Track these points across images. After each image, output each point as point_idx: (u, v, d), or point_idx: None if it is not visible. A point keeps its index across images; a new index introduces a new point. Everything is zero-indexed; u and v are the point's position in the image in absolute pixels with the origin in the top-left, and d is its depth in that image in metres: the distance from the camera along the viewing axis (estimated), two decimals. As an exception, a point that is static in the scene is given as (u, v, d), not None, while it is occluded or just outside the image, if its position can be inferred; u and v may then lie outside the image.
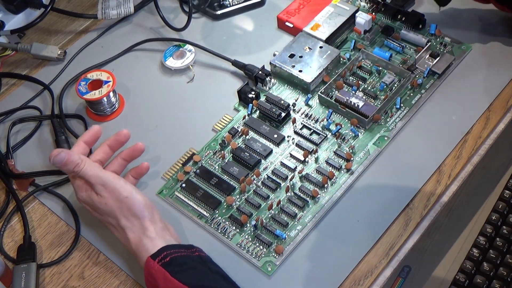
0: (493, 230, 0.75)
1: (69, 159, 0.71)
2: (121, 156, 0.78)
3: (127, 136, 0.78)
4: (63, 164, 0.71)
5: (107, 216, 0.72)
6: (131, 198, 0.70)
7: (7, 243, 0.79)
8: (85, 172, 0.71)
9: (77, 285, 0.74)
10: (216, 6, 1.00)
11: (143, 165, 0.79)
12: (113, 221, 0.71)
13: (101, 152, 0.77)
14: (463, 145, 0.80)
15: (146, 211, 0.70)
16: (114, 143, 0.78)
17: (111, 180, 0.71)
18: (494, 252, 0.73)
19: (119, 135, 0.78)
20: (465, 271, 0.72)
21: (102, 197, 0.71)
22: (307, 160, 0.80)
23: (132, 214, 0.70)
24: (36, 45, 0.97)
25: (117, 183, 0.71)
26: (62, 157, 0.71)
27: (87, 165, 0.72)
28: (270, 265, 0.73)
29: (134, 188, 0.72)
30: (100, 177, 0.71)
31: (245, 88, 0.87)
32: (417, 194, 0.77)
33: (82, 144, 0.76)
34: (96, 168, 0.72)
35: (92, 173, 0.71)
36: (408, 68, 0.87)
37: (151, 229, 0.70)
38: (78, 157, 0.71)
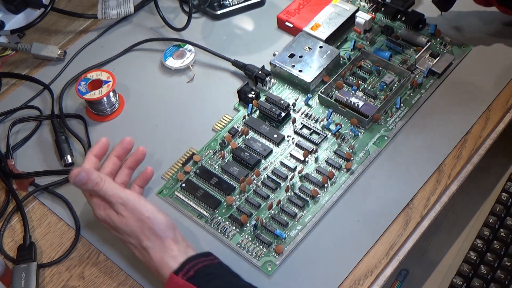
0: (490, 233, 0.75)
1: (89, 178, 0.69)
2: (126, 165, 0.78)
3: (132, 142, 0.78)
4: (83, 183, 0.70)
5: (127, 236, 0.70)
6: (153, 218, 0.69)
7: (7, 243, 0.79)
8: (105, 191, 0.70)
9: (77, 285, 0.74)
10: (216, 6, 1.00)
11: (147, 171, 0.78)
12: (134, 241, 0.70)
13: (110, 164, 0.76)
14: (463, 145, 0.80)
15: (168, 231, 0.69)
16: (121, 152, 0.77)
17: (132, 199, 0.70)
18: (491, 255, 0.73)
19: (123, 143, 0.77)
20: (463, 274, 0.72)
21: (122, 216, 0.69)
22: (307, 160, 0.80)
23: (154, 234, 0.68)
24: (36, 45, 0.97)
25: (138, 202, 0.70)
26: (82, 177, 0.69)
27: (107, 184, 0.70)
28: (270, 265, 0.73)
29: (155, 207, 0.71)
30: (121, 197, 0.70)
31: (245, 88, 0.87)
32: (417, 194, 0.77)
33: (92, 158, 0.75)
34: (116, 186, 0.71)
35: (112, 192, 0.70)
36: (408, 68, 0.87)
37: (174, 248, 0.68)
38: (97, 176, 0.70)
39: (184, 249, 0.69)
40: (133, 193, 0.71)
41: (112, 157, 0.77)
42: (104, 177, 0.71)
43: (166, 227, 0.69)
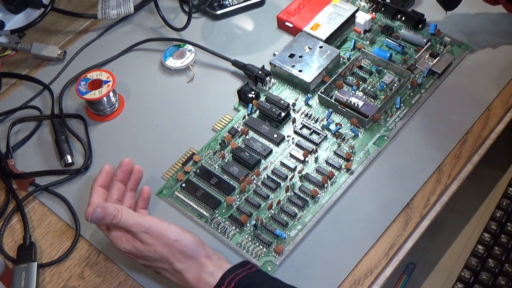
0: (497, 227, 0.75)
1: (106, 212, 0.67)
2: (128, 188, 0.77)
3: (131, 163, 0.76)
4: (100, 219, 0.68)
5: (158, 262, 0.68)
6: (180, 240, 0.67)
7: (7, 243, 0.79)
8: (125, 222, 0.67)
9: (77, 284, 0.74)
10: (216, 6, 1.00)
11: (144, 190, 0.77)
12: (165, 265, 0.68)
13: (116, 191, 0.75)
14: (463, 145, 0.80)
15: (199, 249, 0.67)
16: (123, 176, 0.76)
17: (155, 225, 0.67)
18: (499, 248, 0.74)
19: (123, 165, 0.76)
20: (471, 268, 0.72)
21: (148, 244, 0.67)
22: (307, 160, 0.80)
23: (186, 256, 0.67)
24: (36, 45, 0.97)
25: (162, 227, 0.67)
26: (98, 213, 0.67)
27: (125, 214, 0.68)
28: (270, 264, 0.73)
29: (180, 228, 0.69)
30: (142, 225, 0.67)
31: (245, 88, 0.87)
32: (417, 193, 0.77)
33: (99, 189, 0.73)
34: (135, 215, 0.69)
35: (133, 221, 0.68)
36: (408, 68, 0.87)
37: (209, 264, 0.67)
38: (114, 208, 0.68)
39: (218, 262, 0.68)
40: (154, 219, 0.68)
41: (116, 183, 0.75)
42: (120, 207, 0.69)
43: (196, 245, 0.67)
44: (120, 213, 0.68)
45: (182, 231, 0.68)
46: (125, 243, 0.69)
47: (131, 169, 0.77)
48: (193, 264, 0.67)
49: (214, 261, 0.68)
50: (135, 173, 0.77)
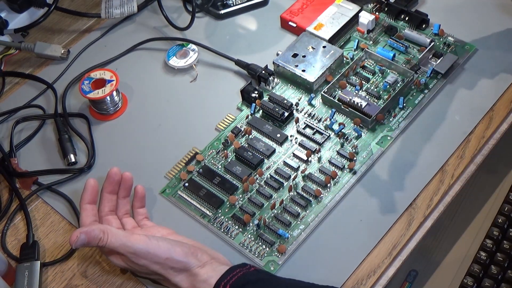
0: (499, 233, 0.75)
1: (90, 237, 0.65)
2: (119, 197, 0.77)
3: (118, 173, 0.76)
4: (86, 244, 0.66)
5: (154, 275, 0.68)
6: (171, 257, 0.66)
7: (10, 241, 0.79)
8: (111, 245, 0.66)
9: (80, 283, 0.75)
10: (219, 6, 1.00)
11: (138, 190, 0.77)
12: (162, 278, 0.68)
13: (106, 203, 0.75)
14: (466, 145, 0.80)
15: (190, 261, 0.67)
16: (112, 187, 0.75)
17: (143, 247, 0.66)
18: (501, 255, 0.73)
19: (110, 176, 0.75)
20: (473, 275, 0.72)
21: (139, 264, 0.67)
22: (310, 160, 0.80)
23: (178, 270, 0.67)
24: (40, 44, 0.97)
25: (150, 247, 0.66)
26: (82, 240, 0.65)
27: (111, 237, 0.66)
28: (273, 264, 0.73)
29: (169, 243, 0.67)
30: (129, 246, 0.66)
31: (248, 87, 0.87)
32: (420, 193, 0.77)
33: (87, 206, 0.73)
34: (121, 236, 0.67)
35: (119, 243, 0.66)
36: (412, 68, 0.87)
37: (202, 273, 0.66)
38: (99, 231, 0.66)
39: (212, 268, 0.67)
40: (141, 238, 0.67)
41: (105, 195, 0.75)
42: (106, 229, 0.67)
43: (186, 259, 0.67)
44: (106, 236, 0.66)
45: (172, 247, 0.67)
46: (119, 260, 0.69)
47: (119, 179, 0.76)
48: (186, 275, 0.67)
49: (208, 269, 0.67)
50: (124, 181, 0.76)
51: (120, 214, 0.76)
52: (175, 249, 0.67)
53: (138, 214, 0.77)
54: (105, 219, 0.75)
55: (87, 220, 0.73)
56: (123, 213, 0.76)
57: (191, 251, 0.68)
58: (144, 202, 0.78)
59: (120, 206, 0.77)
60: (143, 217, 0.77)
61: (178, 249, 0.67)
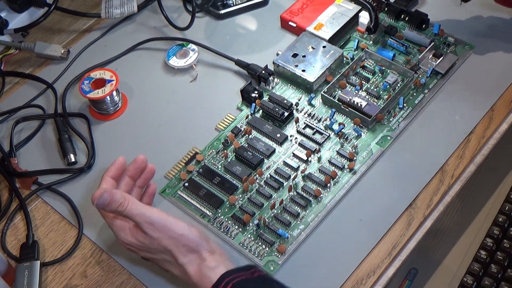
0: (500, 232, 0.75)
1: (112, 199, 0.66)
2: (136, 184, 0.77)
3: (145, 161, 0.76)
4: (106, 205, 0.67)
5: (162, 254, 0.68)
6: (186, 235, 0.66)
7: (10, 241, 0.79)
8: (130, 211, 0.66)
9: (80, 283, 0.75)
10: (219, 6, 1.00)
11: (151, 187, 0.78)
12: (168, 257, 0.68)
13: (124, 185, 0.74)
14: (466, 145, 0.80)
15: (203, 243, 0.67)
16: (135, 172, 0.75)
17: (161, 218, 0.67)
18: (501, 254, 0.73)
19: (137, 162, 0.75)
20: (473, 273, 0.72)
21: (152, 237, 0.66)
22: (310, 160, 0.80)
23: (190, 250, 0.67)
24: (40, 44, 0.97)
25: (167, 220, 0.67)
26: (105, 198, 0.66)
27: (131, 204, 0.67)
28: (273, 264, 0.73)
29: (185, 222, 0.68)
30: (148, 216, 0.66)
31: (248, 87, 0.87)
32: (420, 193, 0.77)
33: (109, 180, 0.72)
34: (142, 206, 0.67)
35: (138, 211, 0.66)
36: (411, 68, 0.87)
37: (210, 259, 0.67)
38: (121, 196, 0.67)
39: (220, 258, 0.67)
40: (159, 212, 0.68)
41: (125, 177, 0.75)
42: (128, 196, 0.67)
43: (200, 239, 0.67)
44: (127, 202, 0.67)
45: (188, 226, 0.68)
46: (128, 235, 0.69)
47: (144, 167, 0.76)
48: (195, 257, 0.67)
49: (217, 256, 0.67)
50: (147, 171, 0.77)
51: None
52: (190, 229, 0.67)
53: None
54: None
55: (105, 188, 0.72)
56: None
57: (204, 236, 0.68)
58: (151, 201, 0.78)
59: (132, 194, 0.76)
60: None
61: (194, 230, 0.68)
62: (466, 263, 0.74)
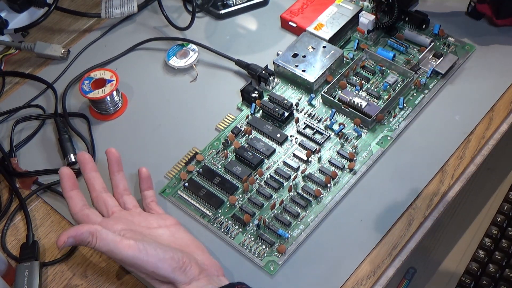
0: (498, 231, 0.75)
1: (78, 240, 0.65)
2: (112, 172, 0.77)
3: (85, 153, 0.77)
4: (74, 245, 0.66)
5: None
6: (157, 271, 0.65)
7: (10, 241, 0.79)
8: (98, 249, 0.65)
9: (80, 283, 0.75)
10: (219, 6, 1.00)
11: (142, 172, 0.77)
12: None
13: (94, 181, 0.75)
14: (466, 145, 0.80)
15: (177, 278, 0.65)
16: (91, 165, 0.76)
17: (130, 256, 0.64)
18: (500, 253, 0.73)
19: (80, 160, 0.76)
20: (471, 273, 0.72)
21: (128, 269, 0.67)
22: (310, 160, 0.80)
23: (164, 283, 0.66)
24: (40, 44, 0.97)
25: (138, 257, 0.65)
26: (70, 243, 0.65)
27: (99, 241, 0.65)
28: (273, 264, 0.73)
29: (158, 255, 0.65)
30: (117, 254, 0.65)
31: (248, 87, 0.87)
32: (420, 194, 0.77)
33: (71, 194, 0.73)
34: (110, 242, 0.65)
35: (106, 249, 0.65)
36: (412, 68, 0.87)
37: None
38: (87, 235, 0.65)
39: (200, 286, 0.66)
40: (130, 246, 0.65)
41: (88, 176, 0.75)
42: (96, 232, 0.65)
43: (173, 275, 0.65)
44: (95, 239, 0.65)
45: (160, 260, 0.65)
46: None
47: (88, 157, 0.76)
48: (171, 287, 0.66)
49: (194, 286, 0.66)
50: (109, 156, 0.77)
51: (119, 191, 0.76)
52: (162, 264, 0.65)
53: (146, 197, 0.77)
54: (100, 197, 0.74)
55: (76, 208, 0.72)
56: (121, 189, 0.76)
57: (179, 266, 0.66)
58: (150, 184, 0.77)
59: (116, 183, 0.76)
60: (151, 200, 0.77)
61: (166, 264, 0.65)
62: (464, 263, 0.74)
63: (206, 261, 0.69)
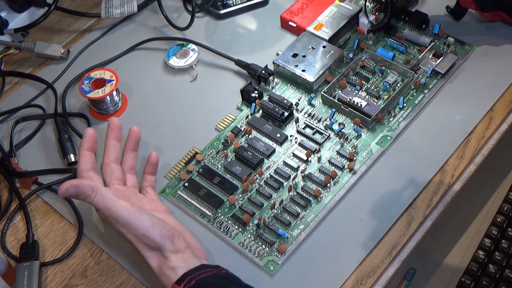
0: (498, 232, 0.75)
1: (79, 191, 0.66)
2: (127, 149, 0.78)
3: (118, 121, 0.78)
4: (74, 196, 0.67)
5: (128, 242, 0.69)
6: (148, 235, 0.66)
7: (10, 241, 0.79)
8: (96, 204, 0.67)
9: (80, 283, 0.75)
10: (219, 6, 1.00)
11: (150, 156, 0.78)
12: (133, 246, 0.69)
13: (111, 150, 0.77)
14: (466, 145, 0.80)
15: (165, 244, 0.67)
16: (115, 133, 0.78)
17: (125, 215, 0.66)
18: (500, 254, 0.73)
19: (111, 125, 0.78)
20: (471, 273, 0.72)
21: (117, 230, 0.68)
22: (309, 160, 0.80)
23: (152, 247, 0.67)
24: (40, 44, 0.97)
25: (131, 218, 0.66)
26: (71, 193, 0.66)
27: (98, 197, 0.67)
28: (273, 264, 0.73)
29: (150, 219, 0.67)
30: (113, 211, 0.67)
31: (248, 87, 0.87)
32: (420, 193, 0.77)
33: (86, 153, 0.74)
34: (108, 199, 0.67)
35: (103, 205, 0.67)
36: (411, 68, 0.87)
37: (173, 259, 0.67)
38: (88, 188, 0.67)
39: (184, 259, 0.67)
40: (126, 207, 0.67)
41: (109, 142, 0.77)
42: (96, 187, 0.67)
43: (162, 241, 0.67)
44: (94, 194, 0.67)
45: (151, 225, 0.67)
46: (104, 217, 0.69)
47: (119, 126, 0.78)
48: (157, 254, 0.67)
49: (179, 256, 0.67)
50: (130, 133, 0.78)
51: (125, 167, 0.77)
52: (154, 228, 0.67)
53: (145, 180, 0.78)
54: (109, 165, 0.76)
55: (85, 166, 0.74)
56: (128, 167, 0.77)
57: (169, 235, 0.68)
58: (155, 170, 0.79)
59: (126, 160, 0.78)
60: (149, 185, 0.78)
61: (157, 229, 0.67)
62: (464, 263, 0.74)
63: (192, 243, 0.71)
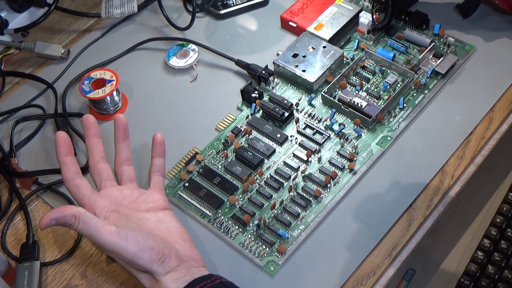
0: (497, 232, 0.75)
1: (61, 222, 0.63)
2: (116, 141, 0.75)
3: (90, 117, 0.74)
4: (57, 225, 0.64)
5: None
6: (135, 261, 0.64)
7: (10, 241, 0.79)
8: (80, 232, 0.64)
9: (80, 283, 0.75)
10: (219, 6, 1.00)
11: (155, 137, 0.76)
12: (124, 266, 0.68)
13: (94, 149, 0.73)
14: (466, 146, 0.80)
15: (155, 269, 0.64)
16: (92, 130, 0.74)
17: (110, 242, 0.63)
18: (499, 254, 0.73)
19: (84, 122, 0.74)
20: (470, 274, 0.72)
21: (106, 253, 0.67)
22: (310, 160, 0.80)
23: (141, 270, 0.66)
24: (40, 44, 0.97)
25: (117, 245, 0.63)
26: (52, 225, 0.63)
27: (81, 225, 0.63)
28: (273, 264, 0.73)
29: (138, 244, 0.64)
30: (97, 239, 0.64)
31: (248, 87, 0.87)
32: (420, 194, 0.77)
33: (65, 160, 0.71)
34: (92, 227, 0.64)
35: (88, 233, 0.64)
36: (412, 68, 0.87)
37: (164, 280, 0.64)
38: (70, 217, 0.63)
39: (175, 278, 0.65)
40: (111, 232, 0.64)
41: (89, 141, 0.74)
42: (79, 214, 0.64)
43: (150, 265, 0.64)
44: (77, 222, 0.64)
45: (140, 249, 0.64)
46: None
47: (94, 121, 0.74)
48: (148, 276, 0.66)
49: (171, 277, 0.65)
50: (117, 122, 0.75)
51: (121, 159, 0.75)
52: (142, 254, 0.64)
53: (153, 165, 0.76)
54: (96, 167, 0.73)
55: (68, 175, 0.70)
56: (123, 158, 0.75)
57: (158, 257, 0.65)
58: (162, 151, 0.76)
59: (119, 151, 0.75)
60: (157, 170, 0.75)
61: (145, 254, 0.64)
62: (463, 264, 0.74)
63: (187, 252, 0.68)
